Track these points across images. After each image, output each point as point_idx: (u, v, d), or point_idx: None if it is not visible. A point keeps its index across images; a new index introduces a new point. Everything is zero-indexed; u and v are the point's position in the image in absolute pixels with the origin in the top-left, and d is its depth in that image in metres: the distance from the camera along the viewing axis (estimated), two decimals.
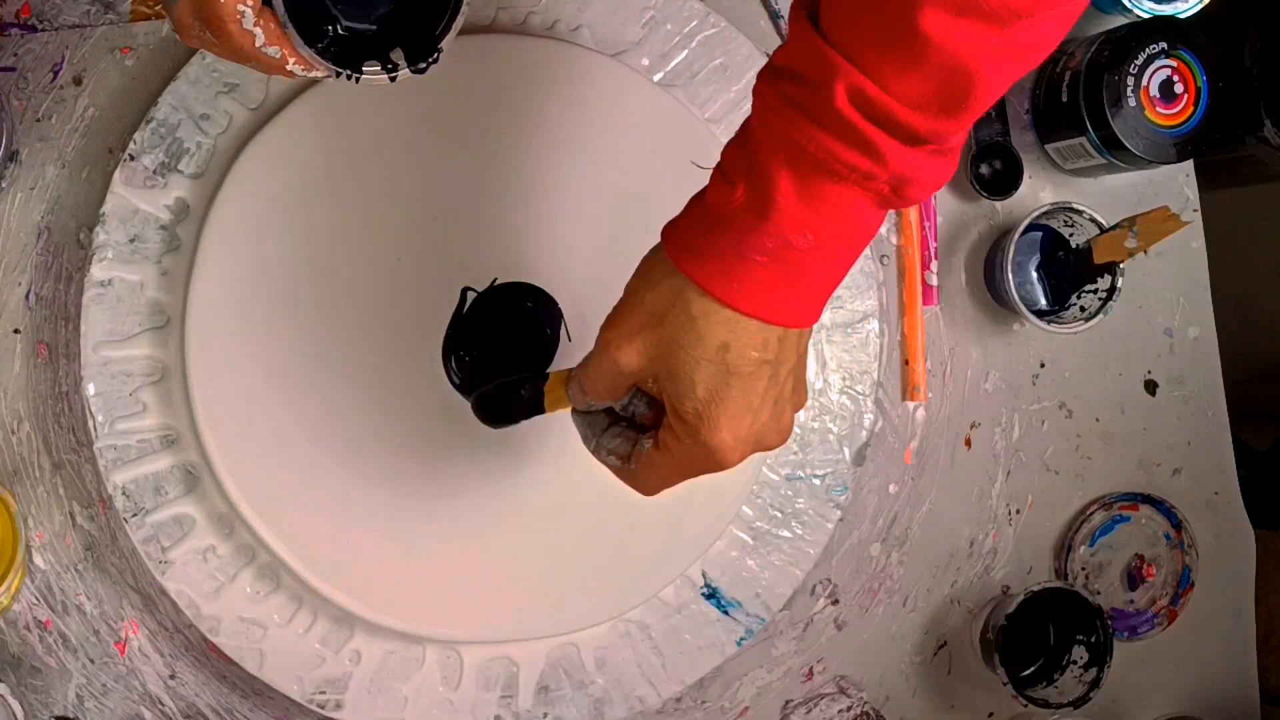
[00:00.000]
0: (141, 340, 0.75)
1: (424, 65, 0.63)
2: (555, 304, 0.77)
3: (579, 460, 0.77)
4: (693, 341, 0.57)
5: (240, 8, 0.56)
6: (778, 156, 0.54)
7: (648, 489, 0.63)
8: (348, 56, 0.61)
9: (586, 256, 0.77)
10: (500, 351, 0.76)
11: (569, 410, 0.65)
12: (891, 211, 0.84)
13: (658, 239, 0.59)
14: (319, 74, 0.60)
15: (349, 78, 0.61)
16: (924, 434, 0.86)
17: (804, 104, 0.53)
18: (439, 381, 0.76)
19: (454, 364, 0.76)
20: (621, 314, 0.59)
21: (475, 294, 0.76)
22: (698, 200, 0.58)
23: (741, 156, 0.56)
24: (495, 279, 0.76)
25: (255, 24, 0.57)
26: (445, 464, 0.76)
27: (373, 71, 0.62)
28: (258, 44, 0.58)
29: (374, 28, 0.62)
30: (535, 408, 0.67)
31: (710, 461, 0.59)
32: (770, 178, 0.54)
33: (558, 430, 0.77)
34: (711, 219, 0.56)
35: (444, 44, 0.62)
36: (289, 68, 0.59)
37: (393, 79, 0.62)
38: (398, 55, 0.62)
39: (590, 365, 0.61)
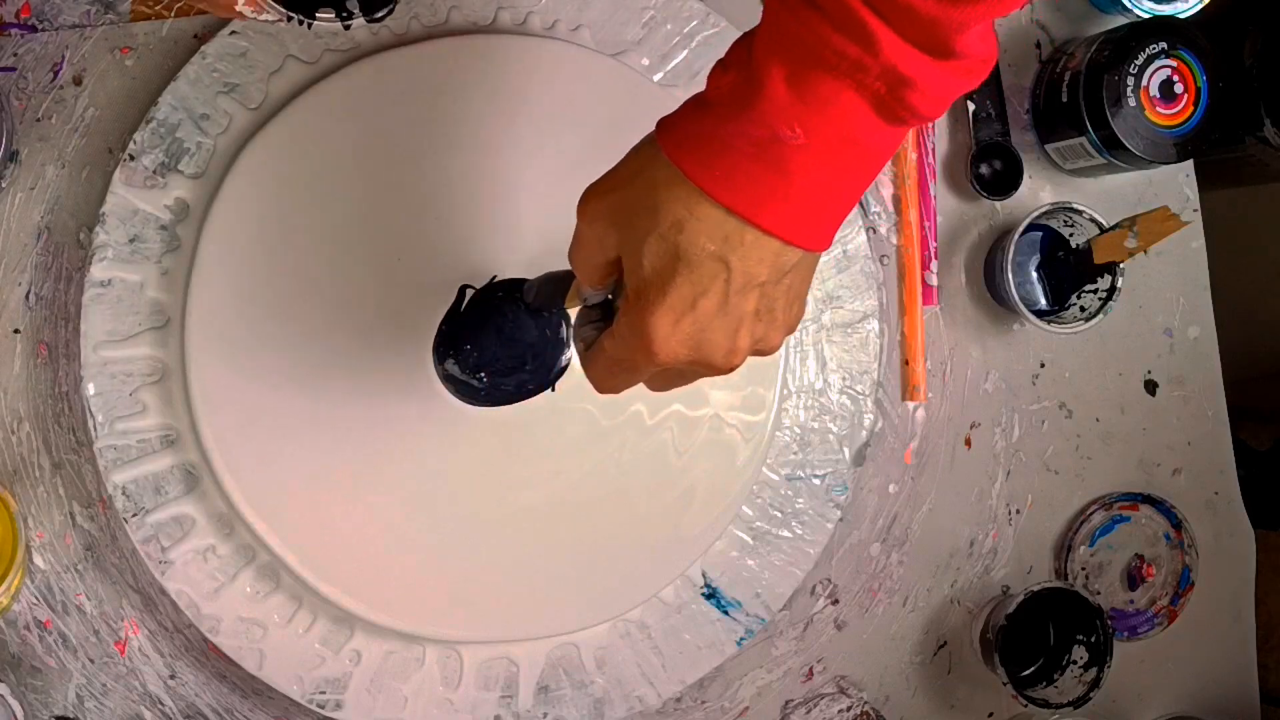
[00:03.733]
0: (141, 340, 0.75)
1: (380, 14, 0.61)
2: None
3: (579, 460, 0.77)
4: (649, 209, 0.55)
5: None
6: (773, 43, 0.52)
7: (595, 380, 0.61)
8: (301, 2, 0.60)
9: None
10: (498, 349, 0.76)
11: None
12: (892, 211, 0.85)
13: None
14: (268, 17, 0.59)
15: (300, 22, 0.60)
16: (924, 434, 0.86)
17: None
18: (440, 381, 0.76)
19: (450, 362, 0.76)
20: (601, 179, 0.58)
21: (473, 291, 0.76)
22: (697, 94, 0.57)
23: (742, 46, 0.54)
24: (495, 276, 0.76)
25: None
26: (446, 463, 0.76)
27: (326, 17, 0.60)
28: None
29: None
30: (560, 298, 0.67)
31: (641, 350, 0.56)
32: (762, 63, 0.52)
33: (558, 430, 0.77)
34: (703, 105, 0.55)
35: None
36: (238, 8, 0.58)
37: (346, 26, 0.61)
38: (353, 4, 0.61)
39: (574, 235, 0.59)
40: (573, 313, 0.65)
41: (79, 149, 0.77)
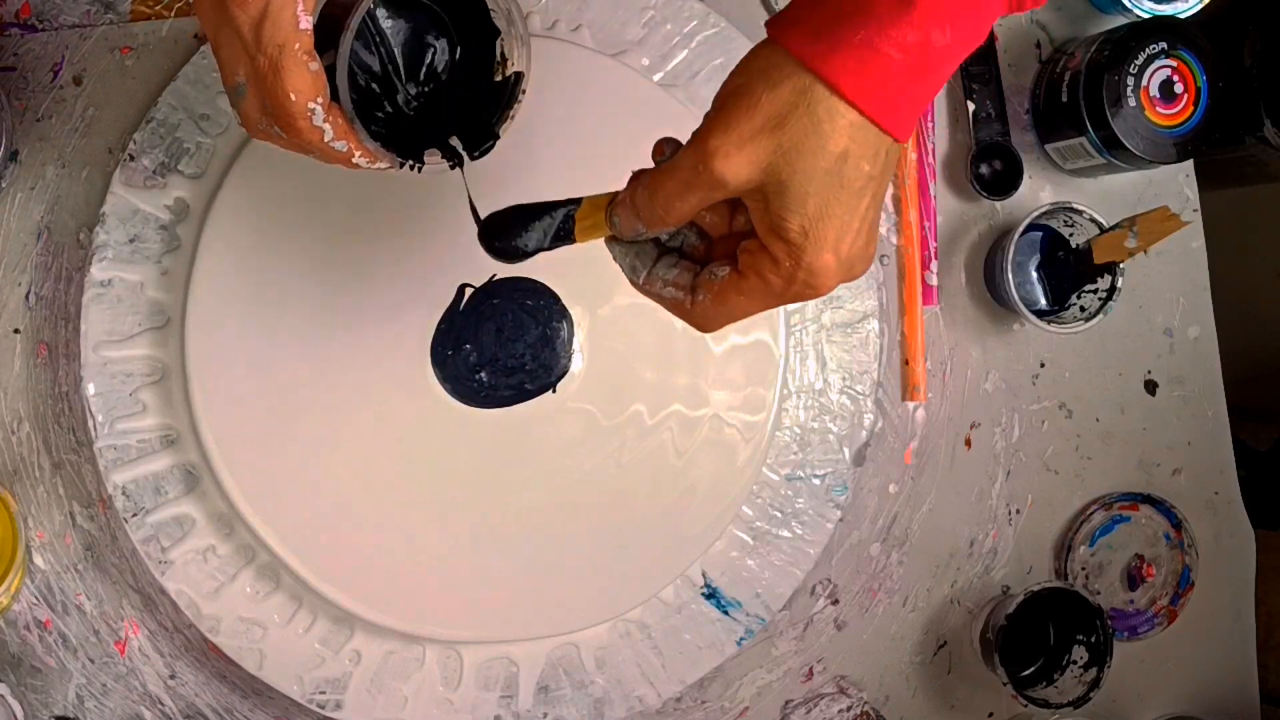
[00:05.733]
0: (141, 340, 0.75)
1: (481, 152, 0.64)
2: (557, 300, 0.77)
3: (579, 460, 0.77)
4: (815, 147, 0.52)
5: (311, 105, 0.57)
6: None
7: (712, 322, 0.57)
8: (405, 144, 0.62)
9: (585, 255, 0.76)
10: (498, 350, 0.76)
11: (596, 241, 0.60)
12: (892, 211, 0.85)
13: None
14: (382, 165, 0.61)
15: (413, 167, 0.63)
16: (924, 434, 0.86)
17: None
18: (439, 382, 0.76)
19: (450, 362, 0.76)
20: (732, 117, 0.53)
21: (472, 290, 0.76)
22: None
23: None
24: (494, 275, 0.76)
25: (325, 120, 0.58)
26: (445, 463, 0.76)
27: (435, 161, 0.63)
28: (326, 139, 0.58)
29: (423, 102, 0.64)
30: (563, 235, 0.60)
31: (806, 287, 0.54)
32: None
33: (558, 430, 0.77)
34: (846, 8, 0.52)
35: (501, 131, 0.64)
36: (355, 160, 0.60)
37: (453, 167, 0.64)
38: (456, 142, 0.64)
39: (675, 179, 0.55)
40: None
41: (79, 149, 0.77)
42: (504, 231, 0.61)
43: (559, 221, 0.60)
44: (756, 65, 0.53)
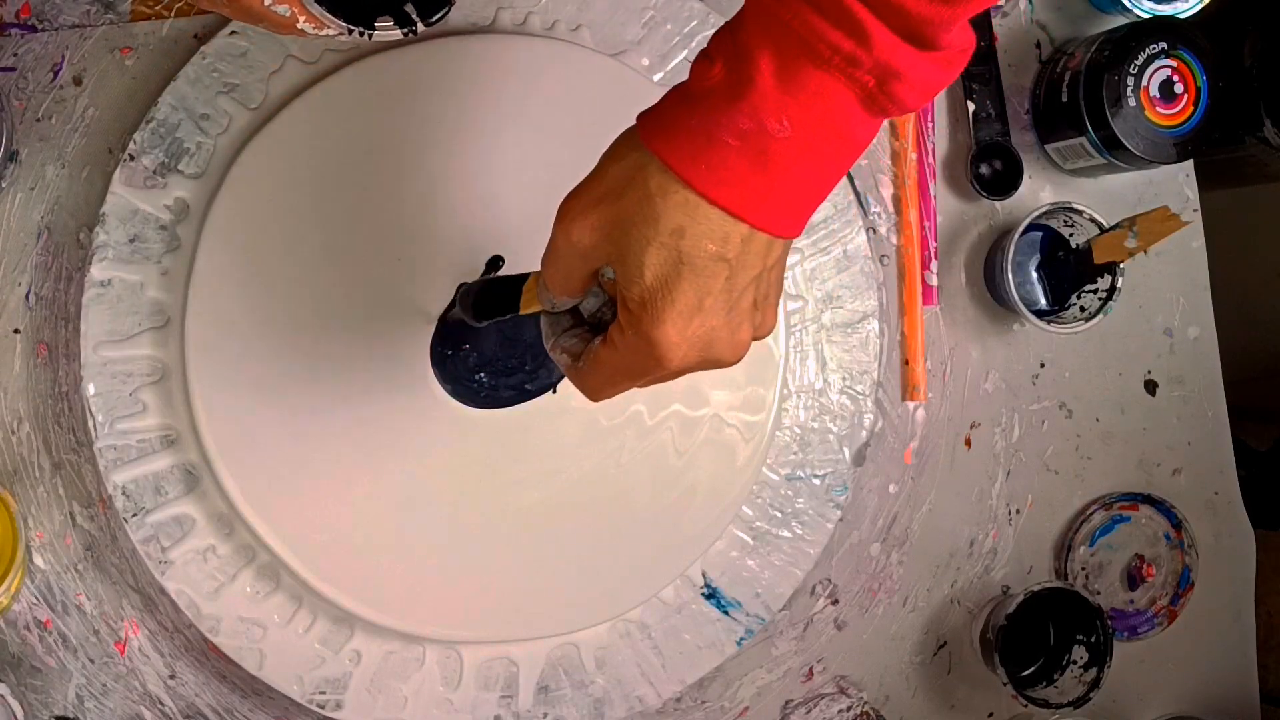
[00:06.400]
0: (141, 340, 0.75)
1: (436, 17, 0.61)
2: None
3: (579, 460, 0.77)
4: (647, 219, 0.54)
5: None
6: (762, 35, 0.52)
7: (593, 390, 0.60)
8: (356, 12, 0.60)
9: None
10: (497, 350, 0.76)
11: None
12: (892, 212, 0.85)
13: None
14: (330, 32, 0.59)
15: (361, 34, 0.60)
16: (924, 434, 0.86)
17: None
18: (438, 382, 0.76)
19: (448, 362, 0.76)
20: (582, 187, 0.56)
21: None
22: (679, 85, 0.55)
23: (727, 36, 0.54)
24: (493, 271, 0.76)
25: None
26: (445, 464, 0.76)
27: (385, 27, 0.61)
28: (267, 2, 0.57)
29: None
30: (510, 305, 0.64)
31: (651, 359, 0.56)
32: (751, 56, 0.52)
33: (558, 430, 0.77)
34: (688, 97, 0.54)
35: None
36: (300, 26, 0.58)
37: (406, 34, 0.61)
38: (410, 8, 0.61)
39: (548, 246, 0.58)
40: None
41: (79, 149, 0.77)
42: (476, 305, 0.66)
43: (506, 294, 0.64)
44: (614, 145, 0.56)
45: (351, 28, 0.60)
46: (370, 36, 0.61)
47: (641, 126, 0.55)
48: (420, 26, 0.61)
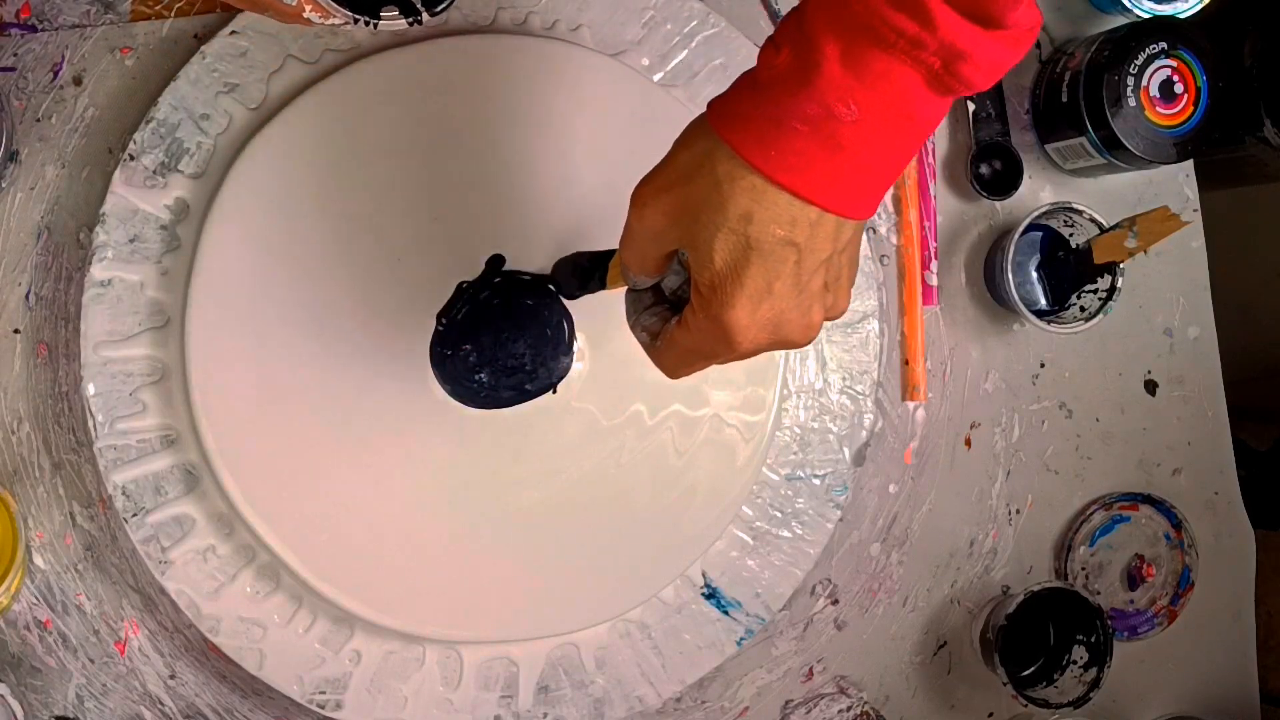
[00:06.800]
0: (141, 340, 0.75)
1: (441, 7, 0.62)
2: (557, 300, 0.76)
3: (579, 460, 0.77)
4: (715, 205, 0.54)
5: None
6: (826, 20, 0.52)
7: (668, 369, 0.61)
8: (361, 2, 0.60)
9: None
10: (497, 350, 0.76)
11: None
12: (892, 212, 0.85)
13: None
14: (335, 21, 0.59)
15: (366, 24, 0.60)
16: (924, 434, 0.86)
17: None
18: (438, 382, 0.76)
19: (448, 362, 0.76)
20: (655, 172, 0.57)
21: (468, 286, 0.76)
22: (747, 72, 0.56)
23: (793, 22, 0.54)
24: (488, 273, 0.76)
25: None
26: (445, 464, 0.76)
27: (391, 16, 0.61)
28: None
29: None
30: (598, 280, 0.66)
31: (722, 342, 0.57)
32: (816, 41, 0.52)
33: (558, 430, 0.77)
34: (755, 85, 0.54)
35: None
36: (305, 15, 0.58)
37: (411, 24, 0.61)
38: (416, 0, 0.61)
39: (625, 228, 0.59)
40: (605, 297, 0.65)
41: (79, 149, 0.77)
42: (566, 279, 0.70)
43: (593, 270, 0.66)
44: (685, 132, 0.57)
45: (357, 17, 0.60)
46: (376, 26, 0.61)
47: (711, 113, 0.56)
48: (425, 16, 0.62)
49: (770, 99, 0.53)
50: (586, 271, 0.67)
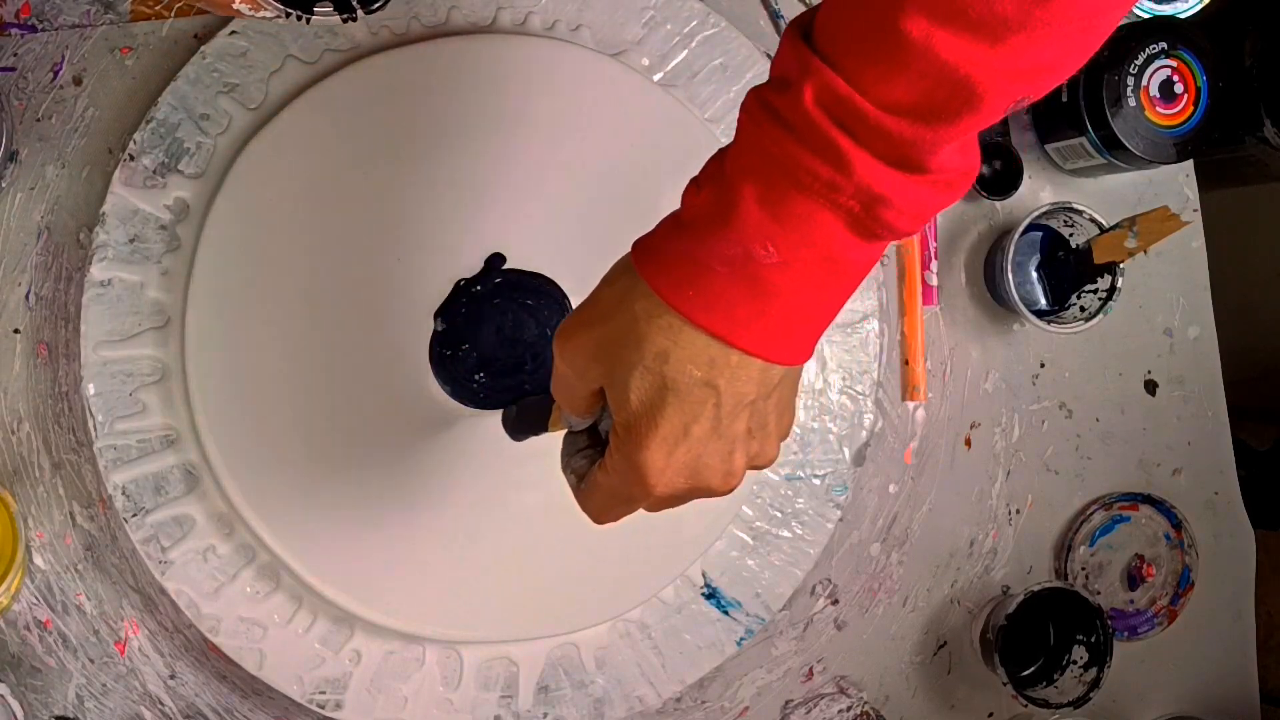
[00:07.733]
0: (141, 340, 0.75)
1: (376, 6, 0.61)
2: (557, 299, 0.76)
3: None
4: (632, 343, 0.53)
5: None
6: (747, 162, 0.51)
7: (592, 512, 0.60)
8: None
9: (586, 256, 0.76)
10: (497, 350, 0.76)
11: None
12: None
13: None
14: (266, 14, 0.58)
15: (299, 18, 0.59)
16: (924, 434, 0.86)
17: (775, 106, 0.51)
18: (438, 382, 0.76)
19: (448, 362, 0.76)
20: (577, 310, 0.57)
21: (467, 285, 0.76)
22: (673, 212, 0.55)
23: (716, 164, 0.53)
24: (488, 272, 0.76)
25: None
26: (445, 464, 0.76)
27: (325, 12, 0.60)
28: None
29: None
30: (542, 424, 0.66)
31: (637, 484, 0.55)
32: (735, 182, 0.51)
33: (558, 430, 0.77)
34: (679, 224, 0.54)
35: None
36: (235, 6, 0.57)
37: (346, 20, 0.60)
38: None
39: (553, 368, 0.58)
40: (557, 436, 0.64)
41: (79, 149, 0.77)
42: (513, 424, 0.70)
43: (536, 415, 0.66)
44: (611, 270, 0.56)
45: (289, 10, 0.59)
46: (309, 21, 0.60)
47: (635, 250, 0.55)
48: (359, 14, 0.61)
49: (691, 238, 0.52)
50: (532, 413, 0.67)
